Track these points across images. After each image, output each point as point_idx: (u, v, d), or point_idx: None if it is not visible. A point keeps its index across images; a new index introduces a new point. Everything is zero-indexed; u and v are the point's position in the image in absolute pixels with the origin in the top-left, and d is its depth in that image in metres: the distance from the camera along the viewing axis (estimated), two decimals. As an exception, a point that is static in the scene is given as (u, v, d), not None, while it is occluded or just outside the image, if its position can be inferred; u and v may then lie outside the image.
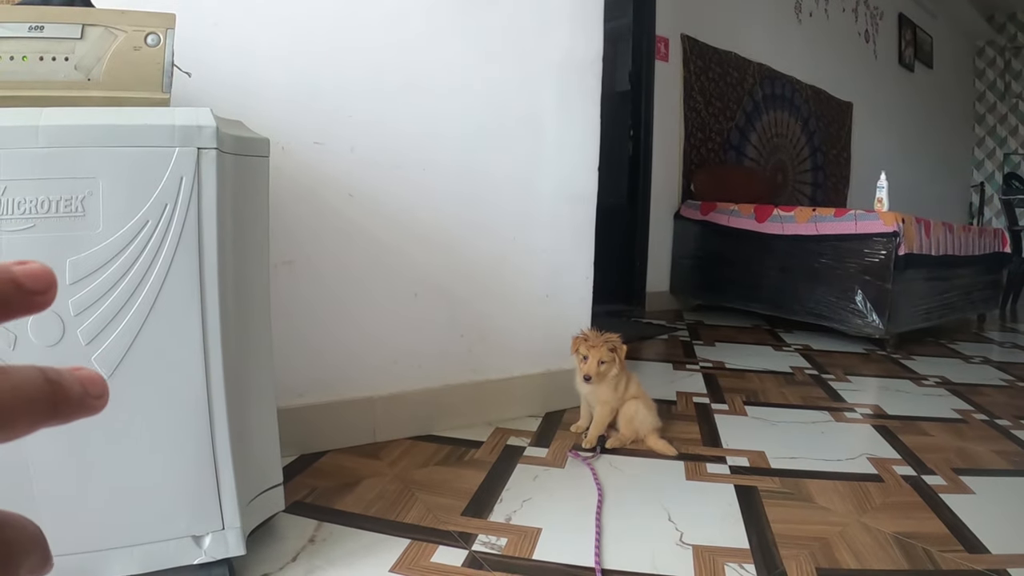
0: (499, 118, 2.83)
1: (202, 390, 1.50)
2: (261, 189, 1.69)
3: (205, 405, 1.51)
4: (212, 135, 1.45)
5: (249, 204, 1.64)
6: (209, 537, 1.56)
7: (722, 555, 1.92)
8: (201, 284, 1.47)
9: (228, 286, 1.54)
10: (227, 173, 1.51)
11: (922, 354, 4.94)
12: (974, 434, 3.11)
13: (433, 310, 2.74)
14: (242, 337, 1.63)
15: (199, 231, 1.45)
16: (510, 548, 1.91)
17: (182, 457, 1.52)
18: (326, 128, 2.43)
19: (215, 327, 1.50)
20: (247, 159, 1.62)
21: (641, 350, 4.50)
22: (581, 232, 3.12)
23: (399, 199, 2.60)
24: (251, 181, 1.64)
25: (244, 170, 1.60)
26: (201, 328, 1.48)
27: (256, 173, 1.66)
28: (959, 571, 1.89)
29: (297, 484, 2.24)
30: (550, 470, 2.47)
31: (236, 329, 1.59)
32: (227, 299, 1.53)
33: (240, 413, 1.61)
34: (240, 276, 1.61)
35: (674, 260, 6.37)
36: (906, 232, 4.76)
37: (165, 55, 1.58)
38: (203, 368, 1.50)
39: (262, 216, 1.69)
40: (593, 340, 2.60)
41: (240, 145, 1.58)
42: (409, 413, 2.70)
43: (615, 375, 2.66)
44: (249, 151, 1.63)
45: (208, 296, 1.48)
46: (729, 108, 6.85)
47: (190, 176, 1.43)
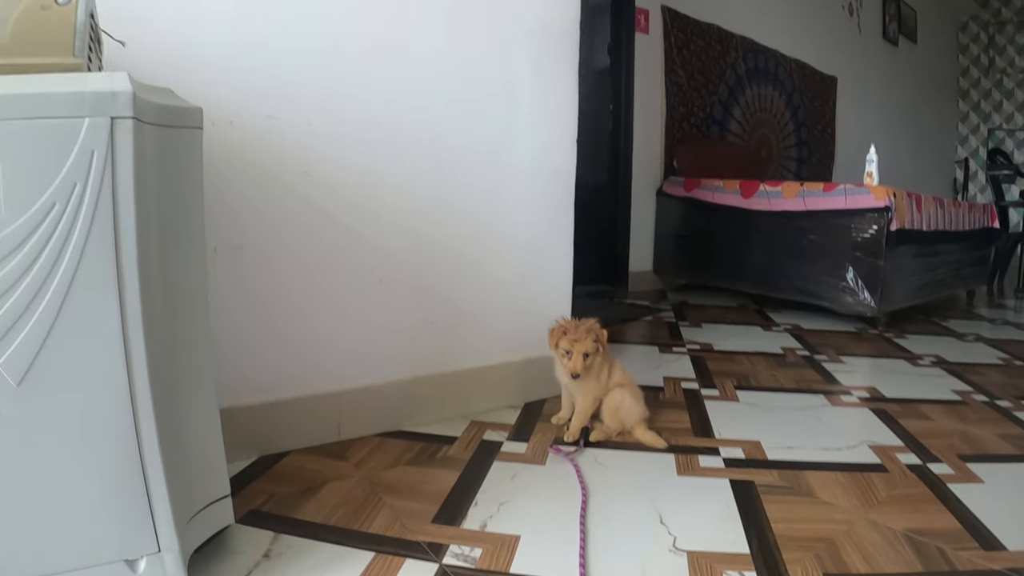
0: (470, 89, 2.65)
1: (125, 396, 1.32)
2: (193, 165, 1.51)
3: (130, 413, 1.33)
4: (128, 102, 1.26)
5: (178, 182, 1.46)
6: (144, 561, 1.40)
7: (720, 562, 1.77)
8: (119, 274, 1.29)
9: (153, 275, 1.36)
10: (148, 147, 1.33)
11: (915, 332, 4.86)
12: (976, 417, 3.01)
13: (401, 296, 2.56)
14: (173, 333, 1.45)
15: (115, 213, 1.27)
16: (485, 560, 1.74)
17: (105, 472, 1.34)
18: (280, 101, 2.24)
19: (136, 323, 1.31)
20: (175, 131, 1.44)
21: (625, 333, 4.38)
22: (559, 209, 2.96)
23: (361, 177, 2.42)
24: (180, 156, 1.46)
25: (171, 143, 1.42)
26: (120, 325, 1.30)
27: (187, 147, 1.48)
28: (977, 571, 1.76)
29: (254, 491, 2.07)
30: (530, 467, 2.31)
31: (164, 324, 1.41)
32: (152, 290, 1.35)
33: (173, 419, 1.44)
34: (169, 264, 1.43)
35: (657, 238, 6.28)
36: (898, 207, 4.66)
37: (77, 14, 1.39)
38: (125, 370, 1.32)
39: (195, 196, 1.52)
40: (573, 332, 2.44)
41: (165, 115, 1.40)
42: (377, 408, 2.53)
43: (598, 363, 2.51)
44: (177, 122, 1.44)
45: (128, 288, 1.30)
46: (712, 82, 6.75)
47: (103, 150, 1.24)
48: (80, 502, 1.33)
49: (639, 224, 6.12)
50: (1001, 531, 1.97)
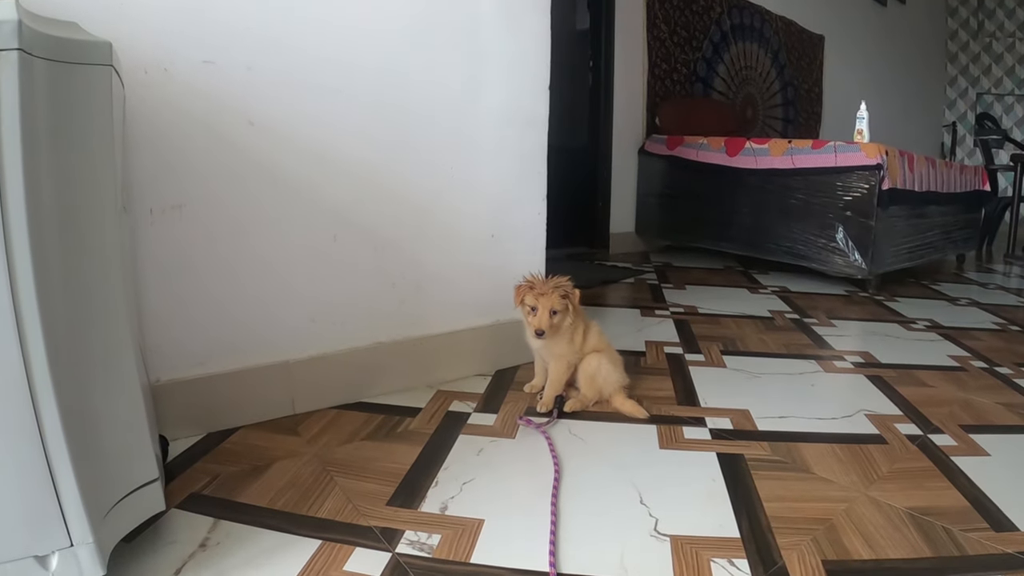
0: (430, 25, 2.46)
1: (19, 374, 1.15)
2: (101, 107, 1.30)
3: (26, 394, 1.16)
4: (13, 32, 1.07)
5: (80, 126, 1.25)
6: (56, 557, 1.24)
7: (707, 547, 1.61)
8: (5, 232, 1.10)
9: (48, 233, 1.17)
10: (40, 84, 1.14)
11: (906, 296, 4.77)
12: (976, 384, 2.88)
13: (357, 256, 2.39)
14: (77, 301, 1.26)
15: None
16: (444, 548, 1.58)
17: (3, 460, 1.18)
18: (218, 43, 2.04)
19: (28, 289, 1.13)
20: (76, 67, 1.23)
21: (605, 296, 4.27)
22: (531, 161, 2.78)
23: (311, 126, 2.23)
24: (83, 96, 1.26)
25: (71, 82, 1.22)
26: (9, 292, 1.11)
27: (92, 86, 1.27)
28: (989, 555, 1.62)
29: (197, 471, 1.91)
30: (498, 441, 2.15)
31: (66, 292, 1.22)
32: (47, 250, 1.17)
33: (80, 398, 1.26)
34: (71, 220, 1.23)
35: (639, 198, 6.19)
36: (890, 165, 4.54)
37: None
38: (17, 344, 1.14)
39: (104, 142, 1.31)
40: (540, 287, 2.28)
41: (63, 49, 1.20)
42: (333, 378, 2.37)
43: (570, 325, 2.34)
44: (78, 57, 1.24)
45: (16, 247, 1.11)
46: (695, 38, 6.63)
47: None
48: None
49: (620, 184, 6.06)
50: (1012, 509, 1.84)
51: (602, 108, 5.92)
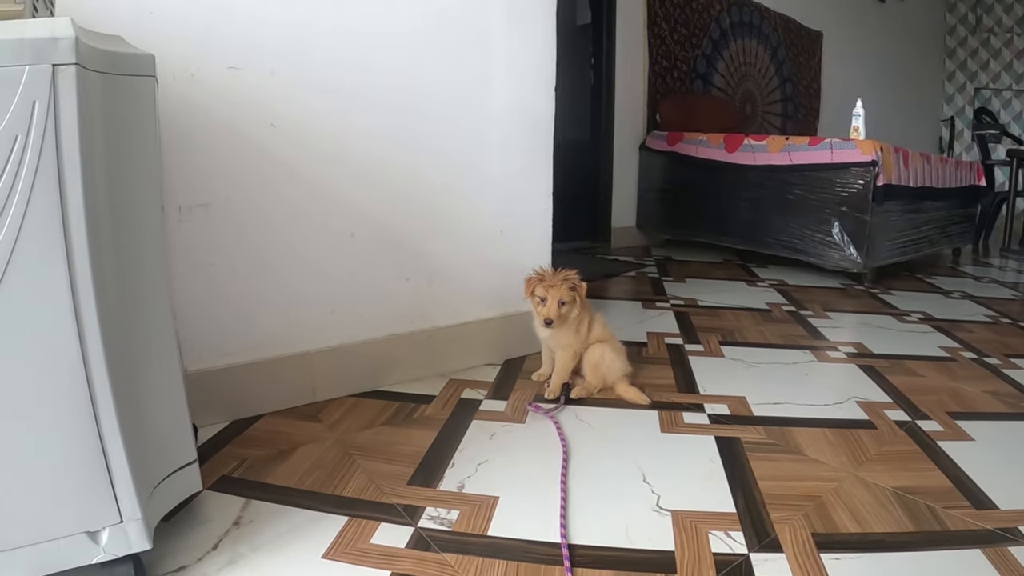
0: (442, 34, 2.55)
1: (78, 362, 1.24)
2: (146, 115, 1.40)
3: (83, 379, 1.25)
4: (70, 48, 1.16)
5: (129, 133, 1.36)
6: (106, 532, 1.33)
7: (705, 521, 1.72)
8: (66, 232, 1.19)
9: (104, 233, 1.27)
10: (95, 95, 1.24)
11: (900, 289, 4.84)
12: (965, 374, 2.98)
13: (373, 251, 2.48)
14: (127, 292, 1.37)
15: (59, 166, 1.17)
16: (462, 522, 1.69)
17: (60, 441, 1.27)
18: (243, 50, 2.14)
19: (87, 283, 1.22)
20: (124, 79, 1.34)
21: (608, 288, 4.34)
22: (537, 159, 2.88)
23: (329, 128, 2.33)
24: (131, 105, 1.36)
25: (121, 92, 1.33)
26: (69, 285, 1.21)
27: (138, 96, 1.38)
28: (969, 531, 1.73)
29: (225, 456, 2.01)
30: (509, 426, 2.25)
31: (118, 285, 1.33)
32: (103, 248, 1.27)
33: (131, 385, 1.36)
34: (122, 220, 1.34)
35: (640, 194, 6.22)
36: (884, 162, 4.61)
37: (18, -40, 1.30)
38: (76, 334, 1.23)
39: (148, 147, 1.41)
40: (550, 279, 2.39)
41: (113, 62, 1.30)
42: (351, 368, 2.46)
43: (576, 316, 2.45)
44: (126, 69, 1.35)
45: (75, 245, 1.20)
46: (695, 35, 6.66)
47: (44, 100, 1.14)
48: (35, 474, 1.27)
49: (622, 179, 6.09)
50: (992, 489, 1.94)
51: (603, 104, 5.96)
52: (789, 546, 1.63)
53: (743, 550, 1.61)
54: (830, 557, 1.59)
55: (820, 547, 1.63)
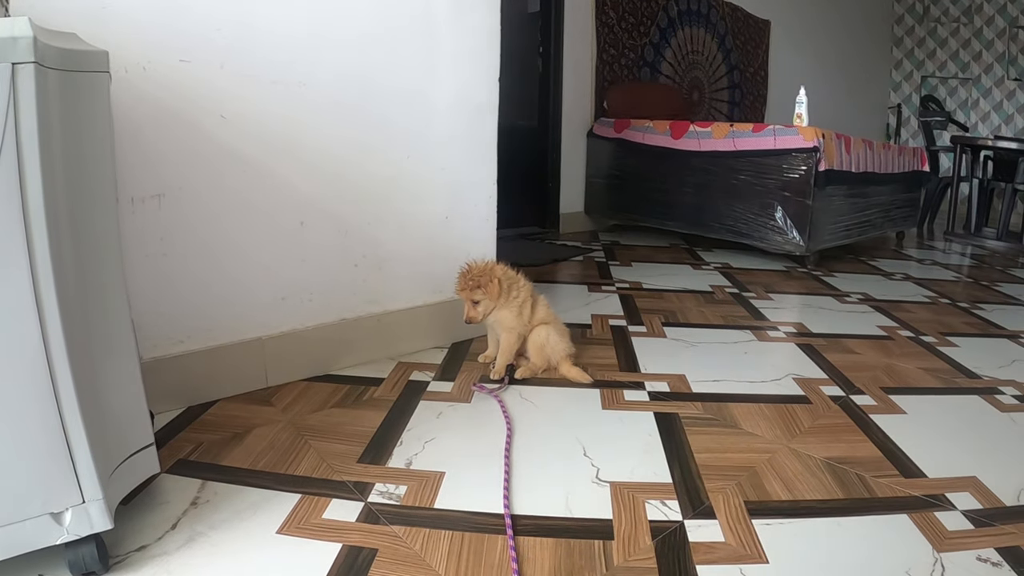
0: (387, 24, 2.58)
1: (39, 347, 1.27)
2: (100, 110, 1.44)
3: (44, 364, 1.28)
4: (28, 47, 1.19)
5: (85, 127, 1.40)
6: (69, 513, 1.36)
7: (642, 491, 1.78)
8: (26, 224, 1.23)
9: (62, 224, 1.31)
10: (52, 92, 1.27)
11: (843, 271, 4.94)
12: (901, 351, 3.07)
13: (322, 239, 2.52)
14: (85, 280, 1.40)
15: (19, 160, 1.21)
16: (410, 497, 1.74)
17: (22, 426, 1.30)
18: (192, 43, 2.16)
19: (47, 273, 1.26)
20: (80, 75, 1.37)
21: (556, 272, 4.37)
22: (482, 147, 2.93)
23: (278, 119, 2.36)
24: (86, 101, 1.40)
25: (76, 89, 1.36)
26: (30, 275, 1.24)
27: (93, 92, 1.42)
28: (896, 498, 1.81)
29: (182, 440, 2.04)
30: (455, 406, 2.30)
31: (76, 274, 1.36)
32: (61, 240, 1.30)
33: (90, 370, 1.40)
34: (78, 212, 1.37)
35: (588, 180, 6.25)
36: (826, 148, 4.69)
37: (-20, -39, 1.34)
38: (37, 321, 1.27)
39: (103, 141, 1.45)
40: (462, 282, 2.46)
41: (69, 59, 1.34)
42: (303, 353, 2.50)
43: (519, 300, 2.51)
44: (82, 66, 1.38)
45: (36, 237, 1.24)
46: (643, 24, 6.70)
47: (4, 97, 1.18)
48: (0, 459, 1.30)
49: (570, 166, 6.13)
50: (921, 459, 2.02)
51: (551, 92, 5.99)
52: (722, 513, 1.69)
53: (678, 517, 1.67)
54: (761, 523, 1.66)
55: (752, 514, 1.69)
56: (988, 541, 1.63)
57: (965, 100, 11.22)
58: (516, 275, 2.56)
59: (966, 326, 3.59)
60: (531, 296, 2.58)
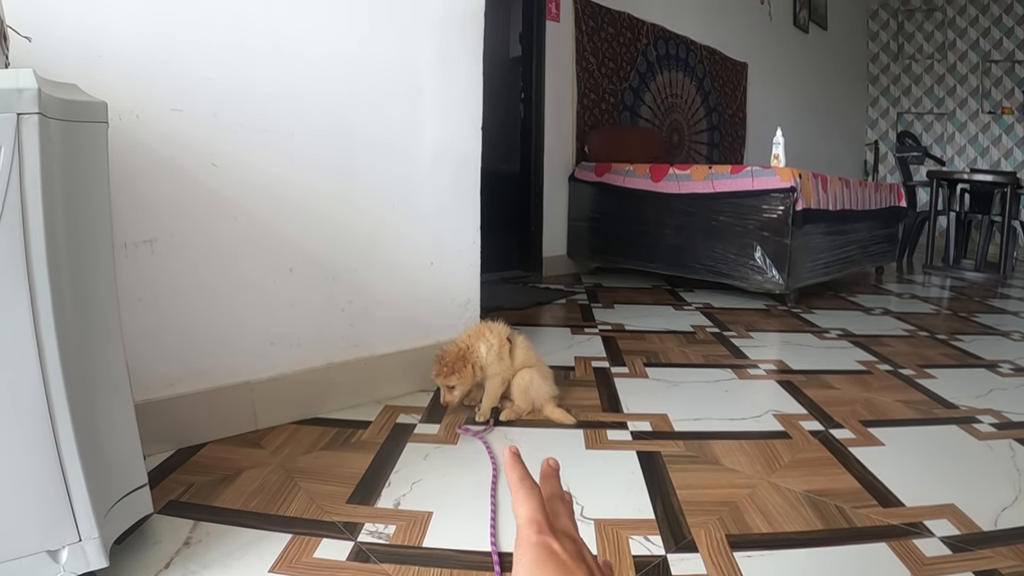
0: (374, 78, 2.65)
1: (39, 388, 1.31)
2: (99, 159, 1.49)
3: (44, 405, 1.32)
4: (33, 99, 1.25)
5: (85, 176, 1.45)
6: (66, 551, 1.39)
7: (626, 527, 1.82)
8: (29, 269, 1.28)
9: (62, 269, 1.35)
10: (54, 142, 1.32)
11: (823, 308, 5.00)
12: (879, 385, 3.12)
13: (310, 285, 2.56)
14: (84, 324, 1.44)
15: (23, 207, 1.26)
16: (399, 536, 1.77)
17: (21, 464, 1.34)
18: (185, 93, 2.22)
19: (48, 316, 1.31)
20: (80, 125, 1.42)
21: (539, 316, 4.39)
22: (465, 195, 2.98)
23: (267, 167, 2.41)
24: (86, 150, 1.45)
25: (77, 138, 1.41)
26: (31, 318, 1.29)
27: (92, 141, 1.47)
28: (875, 527, 1.85)
29: (172, 482, 2.06)
30: (442, 447, 2.34)
31: (75, 317, 1.40)
32: (62, 284, 1.35)
33: (87, 411, 1.43)
34: (78, 258, 1.42)
35: (570, 223, 6.31)
36: (803, 187, 4.77)
37: (-12, 15, 1.39)
38: (37, 362, 1.31)
39: (101, 189, 1.50)
40: (437, 366, 2.48)
41: (71, 110, 1.39)
42: (291, 396, 2.53)
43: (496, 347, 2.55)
44: (82, 116, 1.43)
45: (37, 282, 1.29)
46: (623, 69, 6.80)
47: (9, 146, 1.23)
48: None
49: (552, 209, 6.18)
50: (899, 489, 2.06)
51: (534, 137, 6.06)
52: (704, 546, 1.73)
53: (661, 552, 1.70)
54: (743, 555, 1.69)
55: (733, 546, 1.73)
56: (966, 566, 1.67)
57: (941, 135, 11.41)
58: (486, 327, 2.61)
59: (944, 358, 3.65)
60: (507, 340, 2.61)
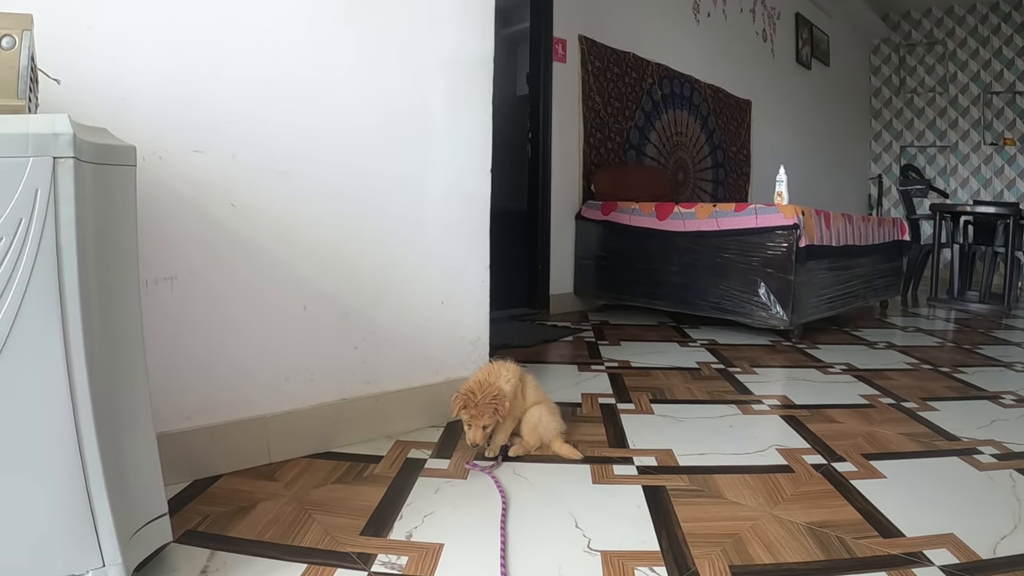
0: (387, 121, 2.73)
1: (69, 418, 1.38)
2: (128, 200, 1.56)
3: (73, 434, 1.38)
4: (69, 143, 1.33)
5: (115, 216, 1.52)
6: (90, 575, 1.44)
7: (632, 559, 1.86)
8: (62, 304, 1.35)
9: (93, 305, 1.42)
10: (87, 184, 1.39)
11: (827, 342, 5.03)
12: (882, 418, 3.15)
13: (324, 322, 2.62)
14: (112, 359, 1.50)
15: (57, 247, 1.33)
16: (411, 567, 1.81)
17: (51, 492, 1.39)
18: (206, 135, 2.30)
19: (79, 350, 1.37)
20: (111, 168, 1.49)
21: (546, 353, 4.42)
22: (475, 234, 3.04)
23: (283, 207, 2.48)
24: (116, 192, 1.52)
25: (108, 180, 1.48)
26: (64, 352, 1.36)
27: (122, 183, 1.54)
28: (875, 557, 1.88)
29: (189, 512, 2.10)
30: (452, 482, 2.38)
31: (104, 351, 1.47)
32: (92, 319, 1.41)
33: (114, 441, 1.49)
34: (107, 294, 1.49)
35: (577, 261, 6.34)
36: (806, 224, 4.82)
37: (21, 59, 1.46)
38: (68, 395, 1.37)
39: (129, 229, 1.57)
40: (473, 407, 2.43)
41: (102, 153, 1.46)
42: (304, 431, 2.58)
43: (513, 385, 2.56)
44: (113, 160, 1.50)
45: (70, 317, 1.36)
46: (628, 108, 6.86)
47: (46, 188, 1.31)
48: (25, 520, 1.37)
49: (559, 248, 6.21)
50: (900, 520, 2.10)
51: (540, 175, 6.10)
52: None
53: (665, 582, 1.75)
54: (745, 585, 1.74)
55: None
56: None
57: (944, 167, 11.47)
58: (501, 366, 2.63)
59: (947, 390, 3.69)
60: (520, 379, 2.64)
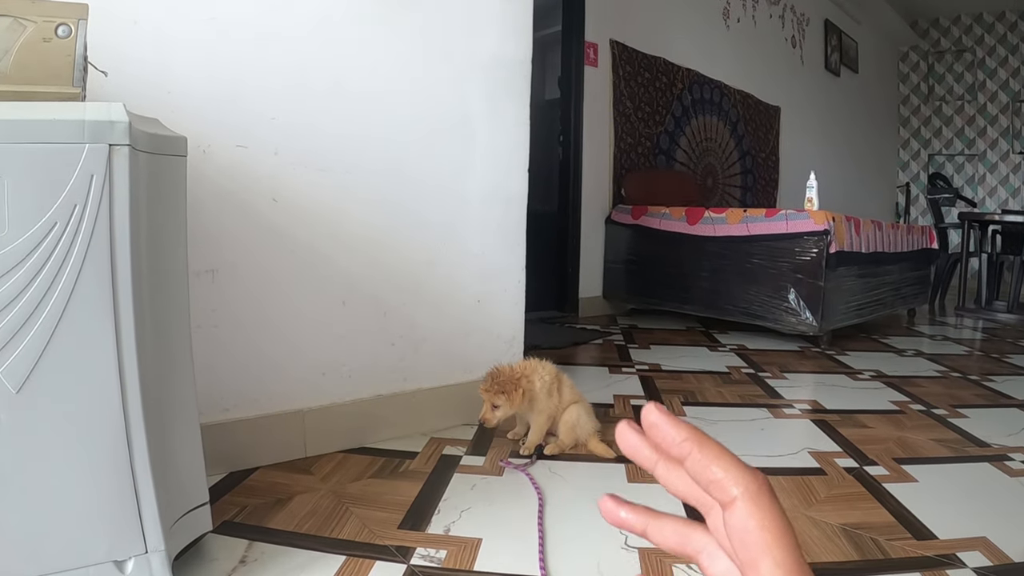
0: (427, 120, 2.76)
1: (117, 405, 1.40)
2: (179, 190, 1.59)
3: (121, 421, 1.41)
4: (124, 131, 1.36)
5: (165, 206, 1.55)
6: (132, 562, 1.46)
7: (669, 556, 1.87)
8: (114, 291, 1.37)
9: (143, 293, 1.45)
10: (141, 172, 1.42)
11: (856, 349, 5.02)
12: (912, 424, 3.15)
13: (362, 318, 2.66)
14: (160, 348, 1.53)
15: (111, 234, 1.36)
16: (450, 560, 1.83)
17: (98, 477, 1.41)
18: (249, 131, 2.33)
19: (130, 337, 1.40)
20: (163, 158, 1.53)
21: (576, 355, 4.45)
22: (512, 235, 3.07)
23: (325, 204, 2.52)
24: (167, 182, 1.55)
25: (160, 170, 1.51)
26: (115, 338, 1.38)
27: (173, 173, 1.57)
28: (909, 558, 1.89)
29: (226, 503, 2.13)
30: (488, 479, 2.40)
31: (153, 339, 1.49)
32: (143, 307, 1.44)
33: (159, 428, 1.52)
34: (156, 283, 1.51)
35: (606, 265, 6.35)
36: (836, 230, 4.82)
37: (76, 47, 1.50)
38: (118, 381, 1.40)
39: (180, 219, 1.60)
40: (489, 382, 2.52)
41: (155, 143, 1.49)
42: (340, 426, 2.61)
43: (548, 384, 2.60)
44: (165, 150, 1.54)
45: (122, 304, 1.38)
46: (658, 113, 6.88)
47: (101, 175, 1.33)
48: (72, 505, 1.40)
49: (589, 251, 6.22)
50: (933, 523, 2.11)
51: (571, 180, 6.11)
52: (743, 575, 1.80)
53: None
54: (780, 584, 1.76)
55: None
56: (997, 596, 1.71)
57: (972, 176, 11.43)
58: (538, 364, 2.67)
59: (976, 398, 3.69)
60: (556, 378, 2.67)
